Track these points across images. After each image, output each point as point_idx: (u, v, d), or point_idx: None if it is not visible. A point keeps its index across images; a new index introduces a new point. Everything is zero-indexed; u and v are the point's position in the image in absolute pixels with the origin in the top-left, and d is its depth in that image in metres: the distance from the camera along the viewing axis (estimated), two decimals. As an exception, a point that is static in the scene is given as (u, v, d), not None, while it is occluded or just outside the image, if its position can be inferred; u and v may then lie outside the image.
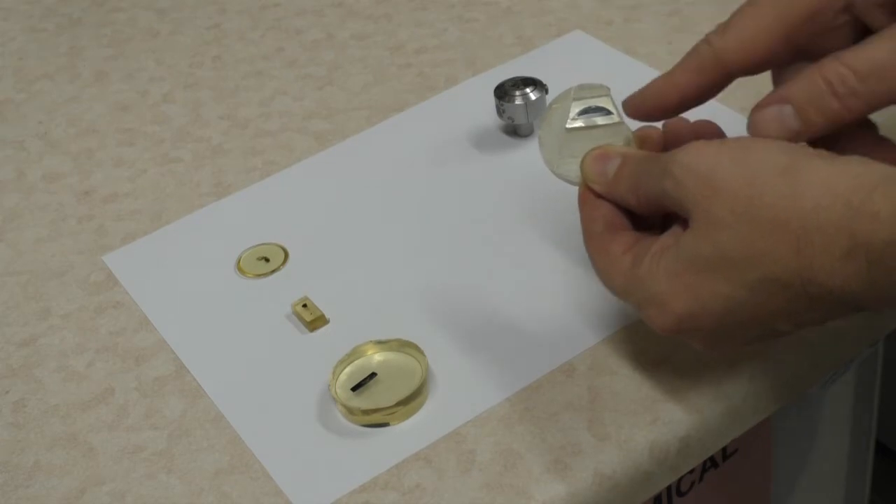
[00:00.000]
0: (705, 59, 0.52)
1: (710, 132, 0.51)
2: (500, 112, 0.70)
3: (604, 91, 0.54)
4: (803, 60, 0.51)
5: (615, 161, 0.51)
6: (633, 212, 0.51)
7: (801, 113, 0.47)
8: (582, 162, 0.52)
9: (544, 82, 0.70)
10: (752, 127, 0.48)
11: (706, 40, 0.52)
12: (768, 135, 0.47)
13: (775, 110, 0.47)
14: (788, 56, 0.52)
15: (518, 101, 0.69)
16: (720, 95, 0.53)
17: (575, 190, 0.53)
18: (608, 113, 0.54)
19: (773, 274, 0.43)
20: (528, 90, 0.69)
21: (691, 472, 0.66)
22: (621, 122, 0.53)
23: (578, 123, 0.54)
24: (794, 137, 0.47)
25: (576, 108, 0.54)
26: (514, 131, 0.71)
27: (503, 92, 0.69)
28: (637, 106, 0.54)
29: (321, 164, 0.72)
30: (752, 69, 0.52)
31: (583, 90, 0.54)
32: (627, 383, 0.54)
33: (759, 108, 0.48)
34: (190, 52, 0.86)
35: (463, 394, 0.55)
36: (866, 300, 0.42)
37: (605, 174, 0.51)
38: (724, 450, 0.67)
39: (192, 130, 0.77)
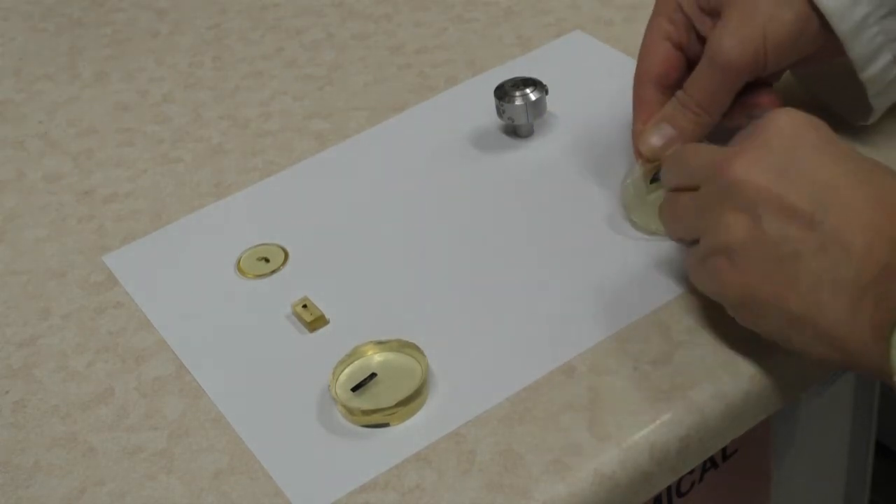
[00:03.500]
0: None
1: None
2: (500, 112, 0.70)
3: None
4: None
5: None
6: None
7: (673, 123, 0.61)
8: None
9: (544, 83, 0.69)
10: (642, 142, 0.61)
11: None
12: (655, 145, 0.61)
13: (656, 128, 0.61)
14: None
15: (518, 102, 0.69)
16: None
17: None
18: None
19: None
20: (528, 90, 0.69)
21: (691, 472, 0.66)
22: None
23: (657, 191, 0.62)
24: (673, 141, 0.60)
25: (648, 177, 0.62)
26: (514, 132, 0.71)
27: (503, 92, 0.69)
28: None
29: (321, 164, 0.72)
30: None
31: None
32: (627, 383, 0.54)
33: (645, 129, 0.62)
34: (190, 52, 0.86)
35: (463, 394, 0.55)
36: None
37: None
38: (724, 450, 0.67)
39: (192, 130, 0.77)
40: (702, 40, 0.61)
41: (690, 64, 0.62)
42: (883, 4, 0.57)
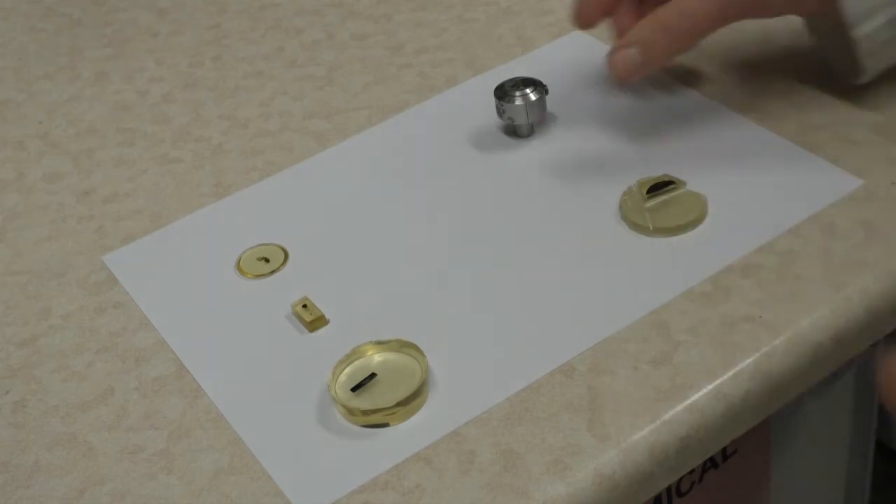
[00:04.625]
0: None
1: None
2: (500, 112, 0.70)
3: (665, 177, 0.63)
4: None
5: None
6: None
7: (643, 46, 0.59)
8: None
9: (544, 83, 0.70)
10: (610, 68, 0.60)
11: None
12: (621, 73, 0.59)
13: (623, 53, 0.59)
14: None
15: (518, 102, 0.69)
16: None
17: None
18: (673, 182, 0.62)
19: None
20: (528, 91, 0.69)
21: (691, 472, 0.66)
22: (686, 186, 0.62)
23: (653, 201, 0.62)
24: (639, 71, 0.59)
25: (644, 189, 0.62)
26: (514, 132, 0.71)
27: (503, 92, 0.69)
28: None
29: (321, 164, 0.72)
30: None
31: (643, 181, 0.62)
32: (627, 383, 0.54)
33: (612, 53, 0.60)
34: (190, 52, 0.86)
35: (463, 394, 0.55)
36: None
37: None
38: (724, 450, 0.67)
39: (192, 130, 0.78)
40: None
41: None
42: None
